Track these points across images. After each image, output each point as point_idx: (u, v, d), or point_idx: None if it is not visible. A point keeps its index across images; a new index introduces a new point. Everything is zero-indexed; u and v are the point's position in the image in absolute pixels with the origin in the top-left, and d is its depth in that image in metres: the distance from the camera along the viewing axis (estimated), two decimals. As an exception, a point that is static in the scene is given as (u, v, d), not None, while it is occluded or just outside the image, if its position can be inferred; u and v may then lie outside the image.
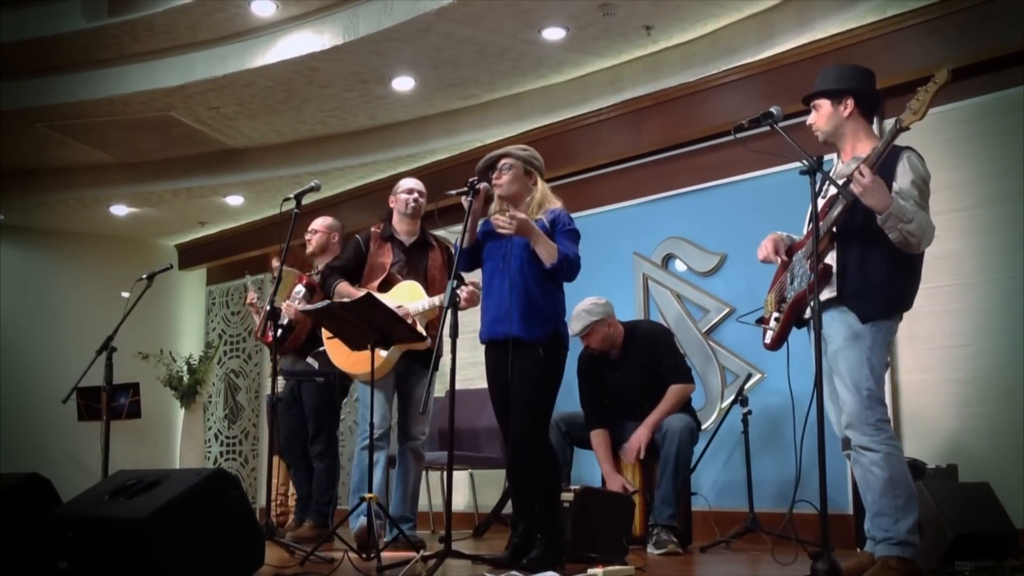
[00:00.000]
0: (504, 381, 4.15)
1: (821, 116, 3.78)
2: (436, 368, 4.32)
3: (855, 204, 3.51)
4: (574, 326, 5.37)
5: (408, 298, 5.19)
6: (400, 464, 5.33)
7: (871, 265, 3.58)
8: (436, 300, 5.11)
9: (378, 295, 4.95)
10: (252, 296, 6.50)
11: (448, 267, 5.36)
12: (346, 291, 5.20)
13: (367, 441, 4.96)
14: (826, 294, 3.60)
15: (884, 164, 3.54)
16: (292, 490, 6.54)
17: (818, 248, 3.55)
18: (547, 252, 4.09)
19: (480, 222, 4.33)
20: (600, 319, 5.47)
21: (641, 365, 5.49)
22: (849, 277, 3.60)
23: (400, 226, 5.45)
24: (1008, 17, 5.23)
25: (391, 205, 5.51)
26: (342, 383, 6.00)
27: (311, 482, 6.23)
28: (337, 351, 5.25)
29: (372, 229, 5.49)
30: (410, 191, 5.45)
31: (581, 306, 5.49)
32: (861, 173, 3.41)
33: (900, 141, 3.59)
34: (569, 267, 4.12)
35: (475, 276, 4.58)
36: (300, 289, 6.04)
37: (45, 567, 3.88)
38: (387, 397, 5.28)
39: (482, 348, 4.31)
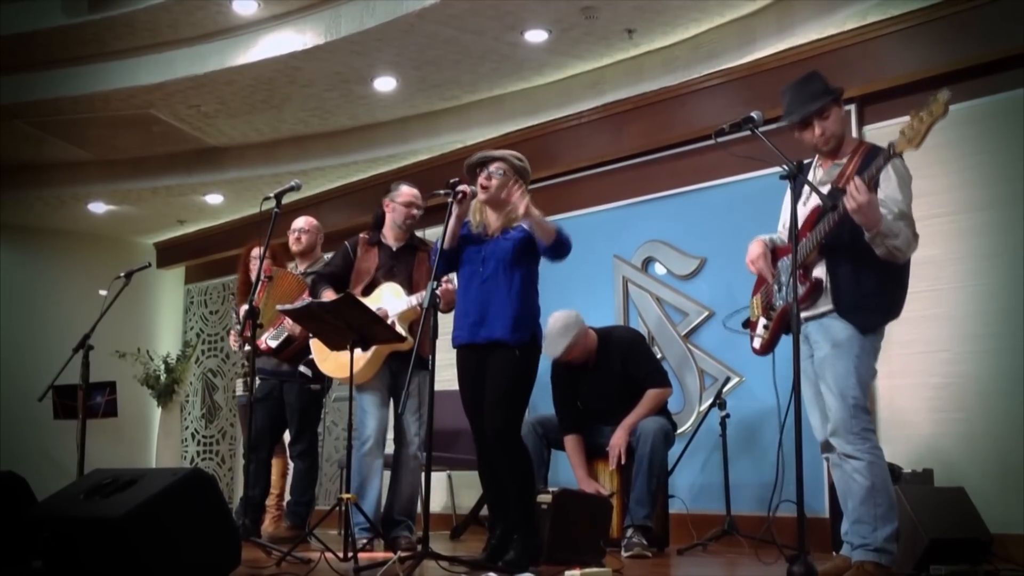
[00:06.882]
0: (477, 384, 4.17)
1: (832, 122, 3.73)
2: (426, 368, 4.33)
3: (844, 216, 3.50)
4: (553, 349, 5.28)
5: (388, 300, 5.19)
6: (393, 467, 5.27)
7: (864, 277, 3.60)
8: (414, 300, 5.10)
9: (360, 299, 4.95)
10: (234, 339, 6.30)
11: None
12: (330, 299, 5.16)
13: (365, 447, 5.09)
14: (823, 307, 3.64)
15: (865, 167, 3.55)
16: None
17: (808, 258, 3.60)
18: (545, 232, 4.09)
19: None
20: (576, 337, 5.37)
21: (616, 372, 5.46)
22: (844, 291, 3.61)
23: (390, 232, 5.40)
24: (987, 26, 5.26)
25: (385, 209, 5.42)
26: (328, 384, 5.98)
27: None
28: (322, 356, 5.28)
29: (361, 235, 5.47)
30: (410, 205, 5.35)
31: (553, 327, 5.32)
32: (857, 189, 3.40)
33: (872, 140, 3.62)
34: (565, 241, 4.13)
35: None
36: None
37: (20, 566, 3.85)
38: (381, 400, 5.25)
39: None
